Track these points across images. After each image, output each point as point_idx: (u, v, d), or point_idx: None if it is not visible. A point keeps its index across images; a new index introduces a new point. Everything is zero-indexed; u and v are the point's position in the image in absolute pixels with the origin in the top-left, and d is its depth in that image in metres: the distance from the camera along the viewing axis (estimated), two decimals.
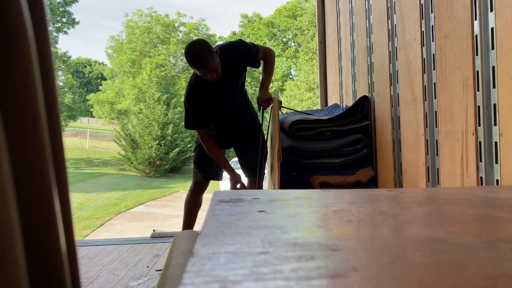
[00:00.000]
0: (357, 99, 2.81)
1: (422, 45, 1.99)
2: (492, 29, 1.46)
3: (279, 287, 0.30)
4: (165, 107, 19.86)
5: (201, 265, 0.33)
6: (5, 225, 0.36)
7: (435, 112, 1.91)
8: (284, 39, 28.65)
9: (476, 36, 1.55)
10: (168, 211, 10.77)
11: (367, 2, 2.80)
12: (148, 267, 2.39)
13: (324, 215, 0.56)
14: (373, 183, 2.68)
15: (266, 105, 2.71)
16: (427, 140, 2.00)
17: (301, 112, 3.28)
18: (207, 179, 2.85)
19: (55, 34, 24.37)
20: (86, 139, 28.30)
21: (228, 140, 2.84)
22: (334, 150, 2.67)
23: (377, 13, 2.61)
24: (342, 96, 3.63)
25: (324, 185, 2.58)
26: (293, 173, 2.69)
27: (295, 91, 21.10)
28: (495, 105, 1.47)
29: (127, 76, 27.64)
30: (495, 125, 1.47)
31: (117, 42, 29.59)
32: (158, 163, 19.41)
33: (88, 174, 18.46)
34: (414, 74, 2.09)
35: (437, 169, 1.90)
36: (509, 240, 0.43)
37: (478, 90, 1.55)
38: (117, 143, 20.39)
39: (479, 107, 1.56)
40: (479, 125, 1.56)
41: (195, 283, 0.30)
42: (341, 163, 2.66)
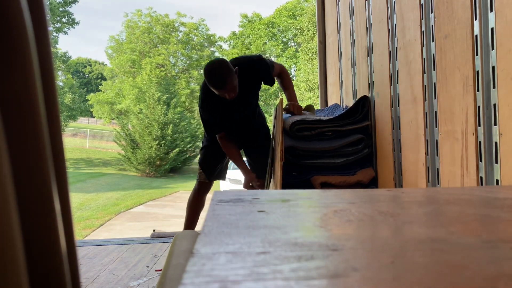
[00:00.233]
0: (357, 99, 2.81)
1: (422, 45, 1.99)
2: (492, 29, 1.46)
3: (279, 287, 0.30)
4: (165, 107, 19.86)
5: (201, 265, 0.33)
6: (5, 225, 0.36)
7: (435, 112, 1.91)
8: (284, 39, 28.63)
9: (476, 36, 1.55)
10: (168, 211, 10.77)
11: (367, 2, 2.80)
12: (148, 267, 2.39)
13: (324, 215, 0.56)
14: (373, 183, 2.68)
15: (299, 113, 2.84)
16: (427, 140, 2.00)
17: None
18: (212, 180, 2.95)
19: (55, 34, 24.37)
20: (86, 139, 28.29)
21: (238, 144, 2.94)
22: (335, 150, 2.67)
23: (377, 13, 2.61)
24: (342, 96, 3.63)
25: (325, 185, 2.58)
26: (294, 173, 2.69)
27: (295, 91, 21.08)
28: (495, 105, 1.47)
29: (127, 76, 27.64)
30: (495, 125, 1.47)
31: (117, 42, 29.58)
32: (158, 163, 19.41)
33: (88, 174, 18.45)
34: (414, 74, 2.08)
35: (437, 169, 1.90)
36: (509, 240, 0.43)
37: (478, 90, 1.55)
38: (117, 143, 20.38)
39: (479, 107, 1.56)
40: (479, 125, 1.56)
41: (195, 283, 0.30)
42: (342, 163, 2.66)
